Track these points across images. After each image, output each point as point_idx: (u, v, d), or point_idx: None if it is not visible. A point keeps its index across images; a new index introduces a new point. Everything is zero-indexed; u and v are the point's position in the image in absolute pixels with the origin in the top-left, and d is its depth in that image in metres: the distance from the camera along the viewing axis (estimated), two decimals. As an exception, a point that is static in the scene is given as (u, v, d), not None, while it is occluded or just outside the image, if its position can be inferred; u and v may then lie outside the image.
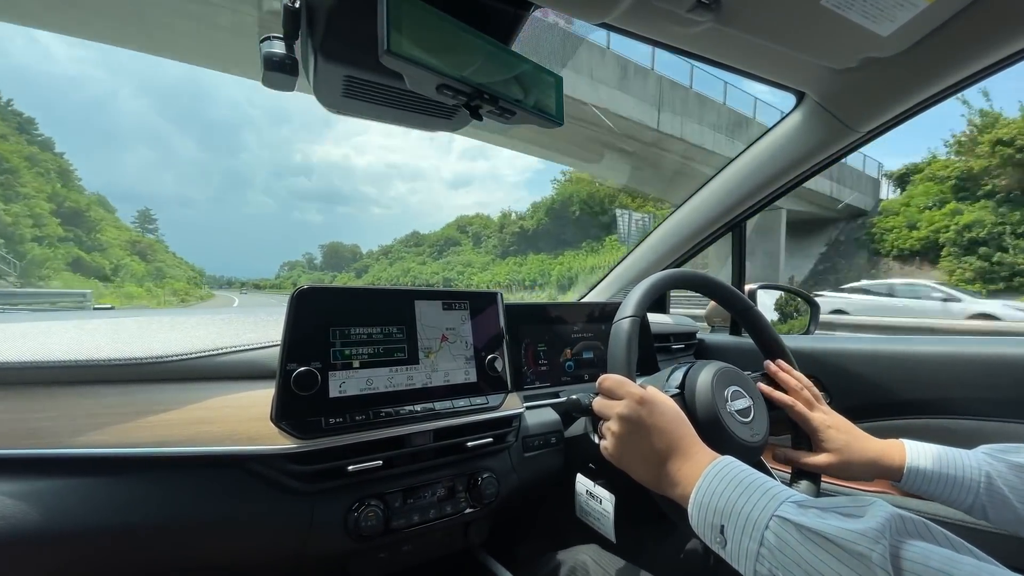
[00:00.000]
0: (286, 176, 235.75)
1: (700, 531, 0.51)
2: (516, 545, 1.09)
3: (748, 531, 0.45)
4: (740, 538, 0.45)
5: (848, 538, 0.39)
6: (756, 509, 0.45)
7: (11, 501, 0.57)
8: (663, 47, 0.80)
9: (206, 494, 0.64)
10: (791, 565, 0.41)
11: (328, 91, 0.67)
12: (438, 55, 0.54)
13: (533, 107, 0.64)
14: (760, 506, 0.45)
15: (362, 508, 0.71)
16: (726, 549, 0.47)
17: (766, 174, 1.19)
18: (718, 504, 0.48)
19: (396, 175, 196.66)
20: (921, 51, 0.76)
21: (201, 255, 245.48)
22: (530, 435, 0.93)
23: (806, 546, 0.41)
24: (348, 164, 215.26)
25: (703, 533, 0.50)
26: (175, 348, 0.69)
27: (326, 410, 0.68)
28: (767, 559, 0.43)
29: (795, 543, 0.41)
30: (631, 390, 0.61)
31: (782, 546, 0.42)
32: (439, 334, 0.81)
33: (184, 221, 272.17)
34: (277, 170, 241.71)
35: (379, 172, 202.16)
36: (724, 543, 0.47)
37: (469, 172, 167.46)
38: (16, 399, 0.61)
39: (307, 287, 0.70)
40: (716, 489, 0.50)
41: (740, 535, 0.45)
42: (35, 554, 0.58)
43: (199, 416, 0.65)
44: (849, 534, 0.39)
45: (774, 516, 0.44)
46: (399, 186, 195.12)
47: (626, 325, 0.72)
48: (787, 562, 0.41)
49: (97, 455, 0.60)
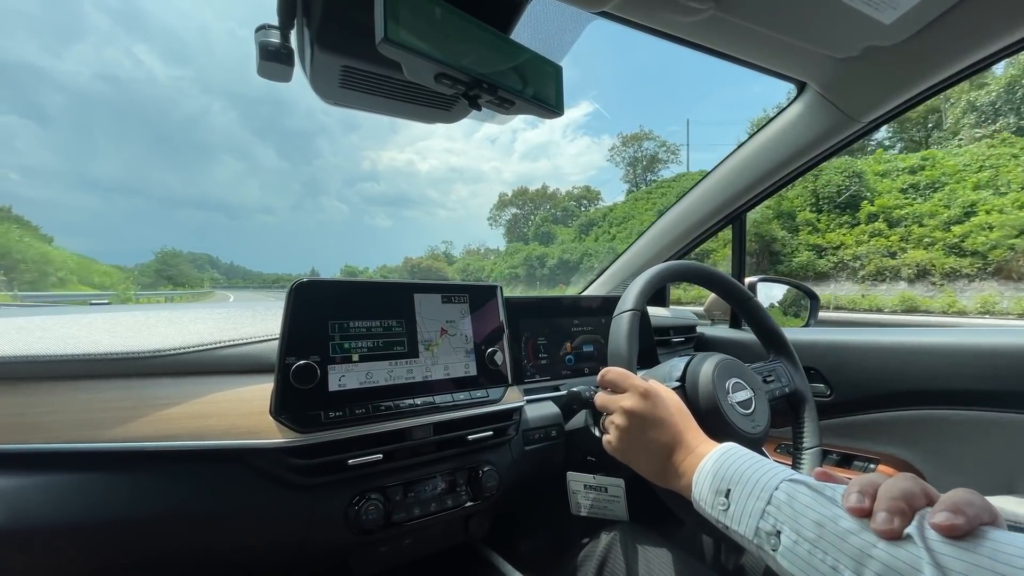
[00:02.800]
0: (357, 182, 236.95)
1: (702, 497, 0.50)
2: (517, 539, 1.09)
3: (756, 493, 0.45)
4: (746, 501, 0.46)
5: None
6: (766, 476, 0.46)
7: (11, 496, 0.56)
8: (663, 36, 0.80)
9: (206, 488, 0.64)
10: (800, 516, 0.41)
11: (325, 82, 0.66)
12: (436, 44, 0.53)
13: (532, 97, 0.63)
14: (771, 474, 0.46)
15: (363, 502, 0.71)
16: (728, 512, 0.47)
17: (766, 165, 1.18)
18: (726, 472, 0.49)
19: (458, 178, 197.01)
20: (924, 39, 0.75)
21: (281, 262, 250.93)
22: (530, 429, 0.93)
23: (818, 500, 0.41)
24: (412, 169, 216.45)
25: (705, 499, 0.50)
26: (173, 342, 0.69)
27: (326, 404, 0.68)
28: (772, 515, 0.43)
29: (807, 498, 0.42)
30: (634, 383, 0.61)
31: (792, 501, 0.42)
32: (438, 327, 0.81)
33: (265, 227, 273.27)
34: (349, 176, 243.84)
35: (441, 176, 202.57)
36: (727, 506, 0.47)
37: (530, 173, 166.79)
38: (14, 394, 0.61)
39: (305, 280, 0.70)
40: (725, 461, 0.50)
41: (746, 498, 0.46)
42: (35, 548, 0.58)
43: (198, 410, 0.65)
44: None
45: (786, 480, 0.44)
46: (461, 189, 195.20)
47: (627, 318, 0.72)
48: (796, 514, 0.41)
49: (96, 450, 0.60)
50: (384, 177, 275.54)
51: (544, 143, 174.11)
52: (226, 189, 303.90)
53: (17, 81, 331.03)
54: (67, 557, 0.61)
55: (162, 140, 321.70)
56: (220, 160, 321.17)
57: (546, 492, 0.96)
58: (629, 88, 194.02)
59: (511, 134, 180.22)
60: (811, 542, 0.39)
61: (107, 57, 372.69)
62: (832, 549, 0.38)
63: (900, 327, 1.28)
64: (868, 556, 0.35)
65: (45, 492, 0.58)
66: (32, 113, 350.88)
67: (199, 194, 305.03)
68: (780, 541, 0.41)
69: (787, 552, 0.41)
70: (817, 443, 0.82)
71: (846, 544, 0.37)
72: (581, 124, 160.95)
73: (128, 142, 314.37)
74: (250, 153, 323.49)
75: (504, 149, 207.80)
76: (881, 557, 0.35)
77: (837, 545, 0.37)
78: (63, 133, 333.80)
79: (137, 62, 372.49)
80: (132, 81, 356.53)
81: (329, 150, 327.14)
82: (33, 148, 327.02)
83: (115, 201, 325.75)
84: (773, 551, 0.42)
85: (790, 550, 0.40)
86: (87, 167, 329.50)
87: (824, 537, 0.38)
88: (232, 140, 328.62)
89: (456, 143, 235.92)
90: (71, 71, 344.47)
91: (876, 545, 0.35)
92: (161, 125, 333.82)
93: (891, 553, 0.34)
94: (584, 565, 0.76)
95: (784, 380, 0.85)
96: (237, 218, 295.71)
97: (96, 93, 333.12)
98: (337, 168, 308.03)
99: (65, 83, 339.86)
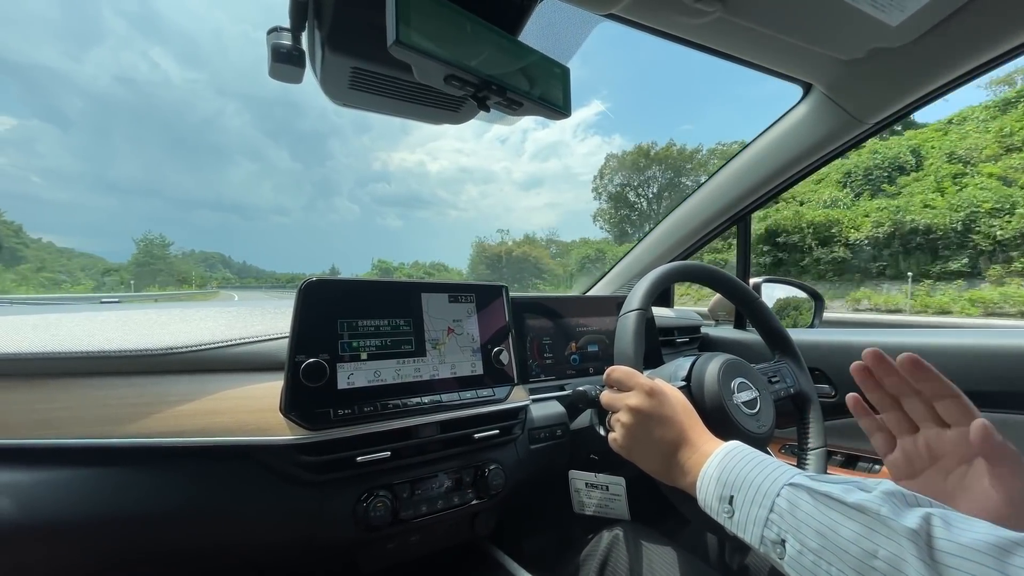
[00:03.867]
0: (368, 183, 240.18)
1: (707, 504, 0.51)
2: (522, 537, 1.10)
3: (758, 500, 0.45)
4: (749, 508, 0.46)
5: (860, 498, 0.39)
6: (768, 480, 0.46)
7: (24, 491, 0.57)
8: (670, 38, 0.80)
9: (216, 484, 0.65)
10: (802, 526, 0.41)
11: (335, 83, 0.67)
12: (446, 46, 0.53)
13: (540, 98, 0.64)
14: (772, 478, 0.46)
15: (371, 499, 0.71)
16: (733, 519, 0.47)
17: (771, 167, 1.19)
18: (728, 477, 0.49)
19: (468, 179, 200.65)
20: (930, 41, 0.75)
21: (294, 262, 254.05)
22: (536, 428, 0.93)
23: (819, 508, 0.41)
24: (422, 170, 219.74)
25: (709, 506, 0.50)
26: (184, 340, 0.70)
27: (334, 401, 0.68)
28: (776, 523, 0.43)
29: (808, 506, 0.42)
30: (640, 381, 0.61)
31: (793, 509, 0.42)
32: (445, 326, 0.81)
33: (279, 228, 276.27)
34: (360, 177, 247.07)
35: (452, 176, 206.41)
36: (731, 513, 0.47)
37: (540, 172, 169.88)
38: (29, 390, 0.62)
39: (315, 279, 0.71)
40: (727, 465, 0.50)
41: (749, 505, 0.46)
42: (50, 542, 0.59)
43: (209, 407, 0.65)
44: (860, 495, 0.40)
45: (786, 485, 0.44)
46: (471, 190, 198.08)
47: (633, 317, 0.72)
48: (798, 523, 0.41)
49: (109, 445, 0.61)
50: (395, 178, 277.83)
51: (554, 143, 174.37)
52: (240, 190, 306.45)
53: (39, 85, 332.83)
54: (79, 551, 0.62)
55: (178, 142, 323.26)
56: (234, 162, 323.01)
57: (551, 491, 0.97)
58: (639, 88, 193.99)
59: (521, 134, 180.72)
60: (815, 552, 0.39)
61: (124, 61, 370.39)
62: (836, 560, 0.38)
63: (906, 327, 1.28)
64: (870, 568, 0.36)
65: (58, 487, 0.59)
66: (53, 117, 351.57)
67: (214, 196, 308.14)
68: (786, 550, 0.42)
69: (793, 562, 0.41)
70: (822, 444, 0.83)
71: (847, 555, 0.37)
72: (592, 123, 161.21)
73: (145, 145, 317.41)
74: (264, 155, 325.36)
75: (514, 149, 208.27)
76: (881, 568, 0.35)
77: (840, 556, 0.38)
78: (82, 136, 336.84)
79: (153, 65, 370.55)
80: (148, 84, 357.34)
81: (341, 151, 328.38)
82: (54, 151, 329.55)
83: (133, 203, 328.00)
84: (780, 559, 0.42)
85: (796, 560, 0.41)
86: (105, 169, 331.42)
87: (827, 547, 0.39)
88: (246, 142, 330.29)
89: (466, 143, 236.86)
90: (90, 75, 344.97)
91: (876, 555, 0.36)
92: (177, 127, 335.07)
93: (891, 564, 0.35)
94: (586, 563, 0.76)
95: (789, 380, 0.85)
96: (251, 219, 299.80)
97: (114, 97, 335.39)
98: (349, 169, 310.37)
99: (84, 87, 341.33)
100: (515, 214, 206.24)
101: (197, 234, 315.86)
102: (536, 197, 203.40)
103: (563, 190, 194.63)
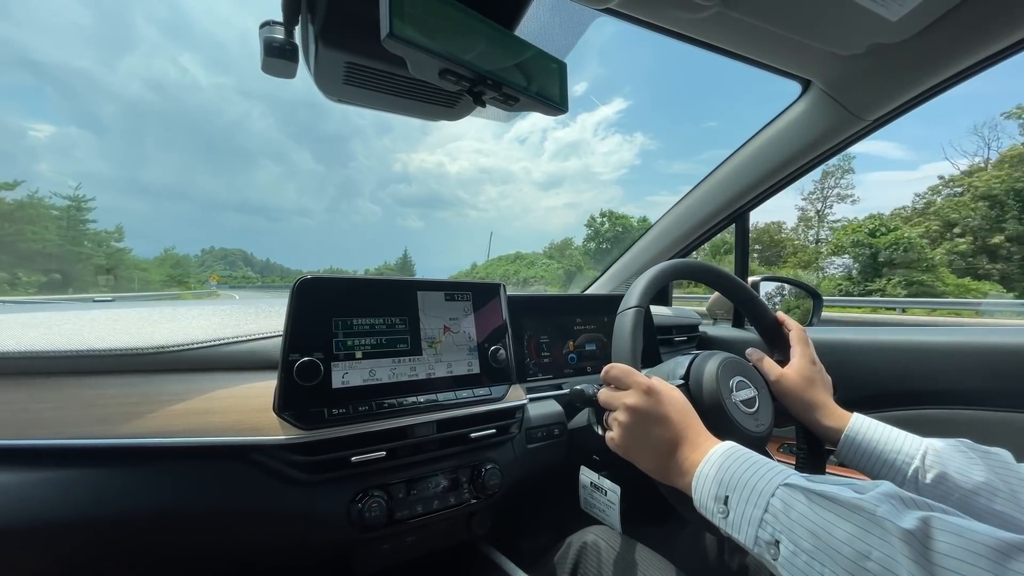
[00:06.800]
0: (389, 184, 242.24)
1: (702, 503, 0.50)
2: (519, 537, 1.09)
3: (753, 500, 0.45)
4: (744, 508, 0.45)
5: (855, 499, 0.39)
6: (763, 481, 0.46)
7: (14, 491, 0.56)
8: (668, 33, 0.79)
9: (209, 484, 0.64)
10: (796, 526, 0.41)
11: (328, 78, 0.66)
12: (441, 40, 0.53)
13: (536, 94, 0.63)
14: (767, 478, 0.46)
15: (366, 499, 0.71)
16: (728, 519, 0.47)
17: (770, 164, 1.18)
18: (723, 477, 0.48)
19: (487, 179, 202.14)
20: (930, 36, 0.75)
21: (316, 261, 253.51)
22: (533, 427, 0.93)
23: (813, 508, 0.41)
24: (442, 171, 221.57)
25: (705, 506, 0.50)
26: (176, 338, 0.69)
27: (329, 401, 0.68)
28: (770, 524, 0.43)
29: (802, 506, 0.41)
30: (638, 380, 0.60)
31: (788, 510, 0.42)
32: (441, 325, 0.81)
33: (302, 229, 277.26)
34: (381, 178, 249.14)
35: (471, 177, 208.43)
36: (727, 513, 0.47)
37: (560, 172, 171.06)
38: (19, 389, 0.61)
39: (309, 277, 0.70)
40: (723, 465, 0.50)
41: (744, 505, 0.45)
42: (40, 543, 0.58)
43: (201, 407, 0.65)
44: (855, 496, 0.40)
45: (781, 485, 0.44)
46: (490, 190, 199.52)
47: (630, 315, 0.72)
48: (792, 524, 0.41)
49: (100, 446, 0.60)
50: (415, 178, 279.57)
51: (575, 142, 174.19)
52: (265, 192, 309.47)
53: (76, 92, 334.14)
54: (70, 552, 0.61)
55: (207, 146, 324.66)
56: (260, 164, 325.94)
57: (548, 490, 0.96)
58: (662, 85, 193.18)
59: (541, 133, 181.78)
60: (808, 553, 0.39)
61: (155, 67, 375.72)
62: (829, 561, 0.38)
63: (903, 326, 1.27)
64: (863, 569, 0.36)
65: (48, 487, 0.58)
66: (89, 123, 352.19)
67: (240, 198, 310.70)
68: (779, 551, 0.41)
69: (786, 563, 0.41)
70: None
71: (840, 556, 0.37)
72: (613, 122, 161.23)
73: (175, 149, 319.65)
74: (288, 157, 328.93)
75: (533, 149, 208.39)
76: (874, 570, 0.35)
77: (833, 557, 0.38)
78: (116, 142, 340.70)
79: (182, 71, 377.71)
80: (178, 88, 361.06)
81: (363, 153, 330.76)
82: (90, 156, 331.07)
83: (163, 205, 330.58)
84: (774, 560, 0.42)
85: (789, 561, 0.40)
86: (137, 173, 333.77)
87: (820, 548, 0.39)
88: (271, 145, 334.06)
89: (485, 144, 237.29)
90: (122, 82, 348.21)
91: (869, 557, 0.36)
92: (206, 131, 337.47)
93: (884, 566, 0.35)
94: (561, 564, 0.76)
95: None
96: (276, 220, 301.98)
97: (146, 102, 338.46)
98: (370, 170, 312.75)
99: (118, 93, 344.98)
100: (534, 215, 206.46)
101: (225, 236, 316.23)
102: (555, 197, 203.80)
103: (582, 190, 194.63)
